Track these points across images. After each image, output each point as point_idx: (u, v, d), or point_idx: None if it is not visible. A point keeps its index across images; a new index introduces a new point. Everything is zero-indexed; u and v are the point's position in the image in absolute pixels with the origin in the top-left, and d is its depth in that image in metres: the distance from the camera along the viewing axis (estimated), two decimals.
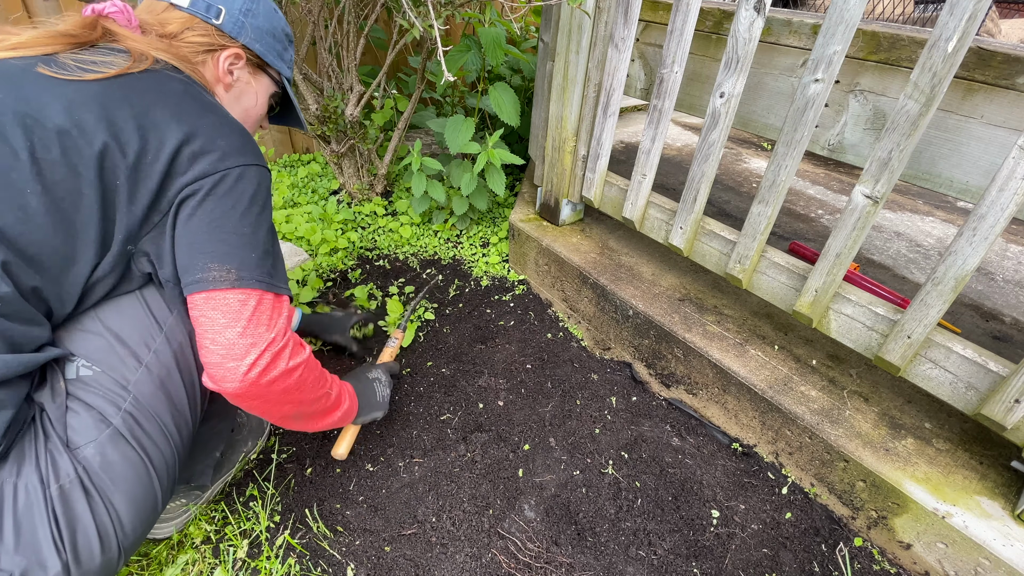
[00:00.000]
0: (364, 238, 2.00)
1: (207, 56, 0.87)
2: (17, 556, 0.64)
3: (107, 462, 0.72)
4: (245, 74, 0.93)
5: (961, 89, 1.00)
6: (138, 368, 0.76)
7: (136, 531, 0.75)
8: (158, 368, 0.78)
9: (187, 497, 1.04)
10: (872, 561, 1.07)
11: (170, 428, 0.79)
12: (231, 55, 0.89)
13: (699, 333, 1.36)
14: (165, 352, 0.79)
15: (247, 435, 1.20)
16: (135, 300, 0.78)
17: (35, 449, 0.68)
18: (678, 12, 1.15)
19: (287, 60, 1.01)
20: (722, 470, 1.23)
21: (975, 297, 1.54)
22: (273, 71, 0.99)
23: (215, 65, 0.88)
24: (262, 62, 0.95)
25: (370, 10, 1.83)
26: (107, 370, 0.74)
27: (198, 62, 0.86)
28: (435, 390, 1.40)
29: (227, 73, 0.90)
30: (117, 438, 0.73)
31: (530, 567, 1.03)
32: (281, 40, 0.98)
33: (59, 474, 0.68)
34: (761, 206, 1.15)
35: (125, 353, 0.76)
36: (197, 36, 0.86)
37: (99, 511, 0.70)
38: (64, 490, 0.68)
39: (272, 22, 0.95)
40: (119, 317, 0.77)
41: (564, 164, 1.63)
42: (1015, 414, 0.92)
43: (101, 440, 0.72)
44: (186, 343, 0.82)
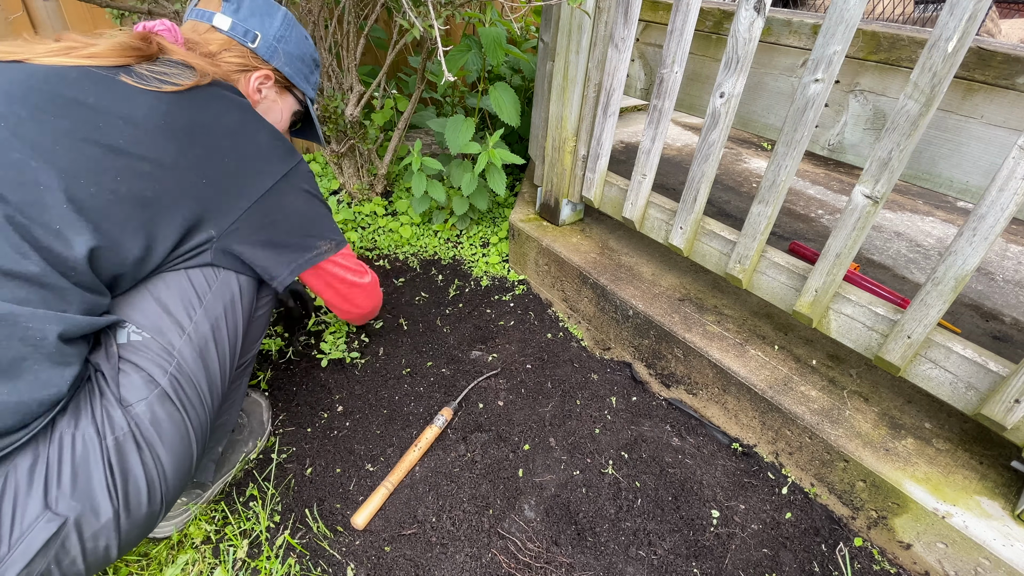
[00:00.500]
0: (364, 238, 2.00)
1: (240, 75, 0.98)
2: (73, 501, 0.68)
3: (156, 419, 0.77)
4: (272, 92, 1.04)
5: (961, 89, 1.00)
6: (181, 336, 0.83)
7: (175, 487, 0.81)
8: (198, 338, 0.85)
9: (187, 497, 1.04)
10: (872, 561, 1.07)
11: (206, 395, 0.86)
12: (261, 76, 1.00)
13: (699, 333, 1.36)
14: (204, 324, 0.86)
15: (247, 435, 1.20)
16: (180, 275, 0.85)
17: (91, 404, 0.74)
18: (678, 12, 1.15)
19: (312, 83, 1.12)
20: (722, 470, 1.23)
21: (975, 297, 1.54)
22: (298, 91, 1.09)
23: (246, 83, 0.99)
24: (289, 83, 1.06)
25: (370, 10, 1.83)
26: (155, 336, 0.81)
27: (234, 80, 0.97)
28: (435, 390, 1.40)
29: (256, 91, 1.01)
30: (164, 398, 0.79)
31: (530, 567, 1.03)
32: (308, 64, 1.09)
33: (114, 427, 0.74)
34: (761, 206, 1.15)
35: (170, 322, 0.83)
36: (234, 57, 0.97)
37: (148, 464, 0.76)
38: (119, 441, 0.73)
39: (302, 48, 1.06)
40: (165, 289, 0.83)
41: (564, 164, 1.63)
42: (1015, 414, 0.92)
43: (151, 399, 0.78)
44: (221, 318, 0.89)
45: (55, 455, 0.69)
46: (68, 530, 0.67)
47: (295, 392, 1.37)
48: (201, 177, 0.81)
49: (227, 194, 0.85)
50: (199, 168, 0.81)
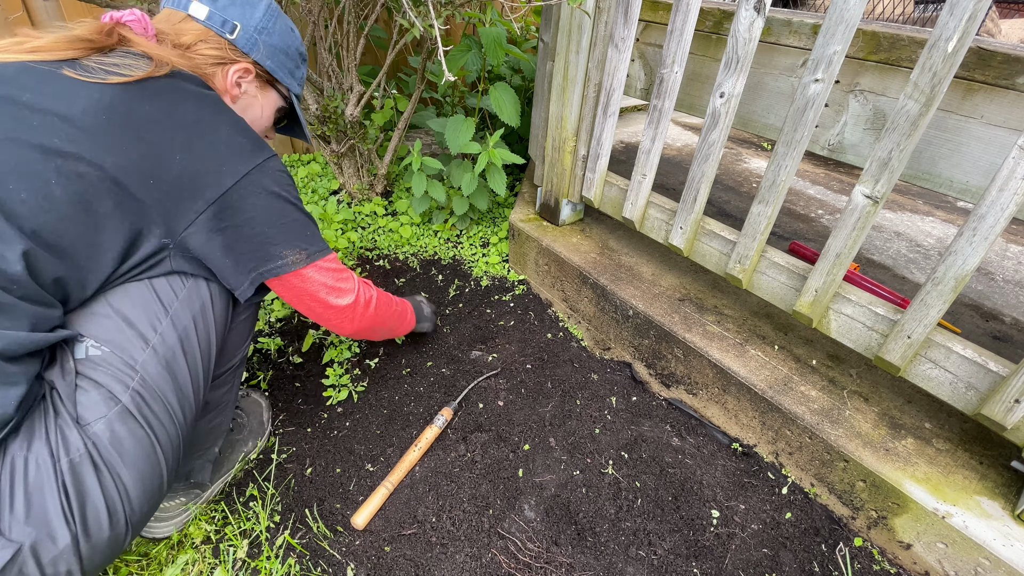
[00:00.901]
0: (364, 238, 2.00)
1: (217, 68, 0.91)
2: (28, 527, 0.66)
3: (116, 438, 0.74)
4: (253, 88, 0.97)
5: (961, 89, 1.00)
6: (145, 349, 0.79)
7: (142, 508, 0.77)
8: (164, 350, 0.80)
9: (187, 497, 1.04)
10: (872, 561, 1.07)
11: (175, 409, 0.82)
12: (240, 69, 0.93)
13: (699, 333, 1.36)
14: (171, 335, 0.82)
15: (247, 435, 1.20)
16: (143, 286, 0.80)
17: (45, 424, 0.70)
18: (678, 12, 1.15)
19: (298, 78, 1.04)
20: (722, 470, 1.23)
21: (975, 297, 1.54)
22: (282, 87, 1.02)
23: (224, 77, 0.92)
24: (272, 78, 0.99)
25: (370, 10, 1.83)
26: (115, 350, 0.77)
27: (209, 73, 0.90)
28: (435, 390, 1.40)
29: (235, 85, 0.94)
30: (125, 415, 0.75)
31: (530, 567, 1.03)
32: (294, 59, 1.01)
33: (69, 448, 0.70)
34: (761, 206, 1.15)
35: (133, 335, 0.78)
36: (210, 49, 0.90)
37: (108, 485, 0.72)
38: (74, 463, 0.70)
39: (287, 41, 0.98)
40: (127, 300, 0.79)
41: (564, 164, 1.63)
42: (1015, 414, 0.92)
43: (110, 416, 0.74)
44: (190, 327, 0.84)
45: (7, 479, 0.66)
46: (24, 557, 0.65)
47: (295, 392, 1.37)
48: (148, 177, 0.75)
49: (179, 195, 0.78)
50: (146, 167, 0.75)
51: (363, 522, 1.07)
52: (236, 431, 1.19)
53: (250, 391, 1.31)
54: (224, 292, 0.90)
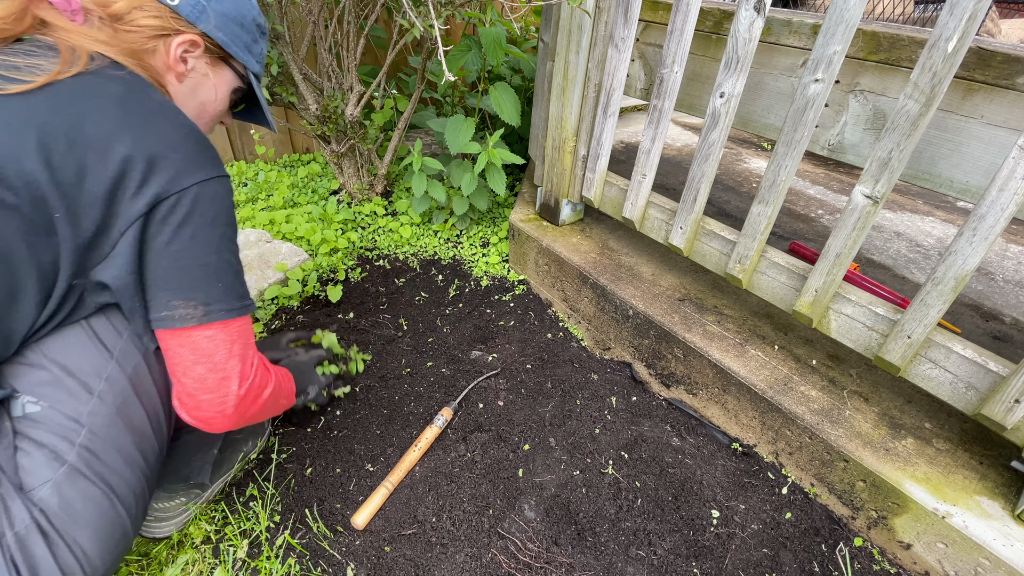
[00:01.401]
0: (364, 238, 2.00)
1: (158, 42, 0.76)
2: None
3: (65, 501, 0.68)
4: (202, 64, 0.83)
5: (961, 89, 1.00)
6: (90, 399, 0.72)
7: (106, 563, 0.73)
8: (112, 396, 0.73)
9: (187, 497, 1.04)
10: (872, 561, 1.07)
11: (133, 455, 0.76)
12: (186, 42, 0.78)
13: (699, 333, 1.36)
14: (119, 379, 0.74)
15: (247, 435, 1.20)
16: (80, 329, 0.73)
17: None
18: (678, 12, 1.15)
19: (256, 53, 0.90)
20: (722, 470, 1.23)
21: (975, 297, 1.54)
22: (238, 64, 0.88)
23: (166, 52, 0.77)
24: (225, 53, 0.85)
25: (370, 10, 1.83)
26: (55, 404, 0.70)
27: (146, 49, 0.76)
28: (435, 390, 1.40)
29: (179, 61, 0.79)
30: (74, 475, 0.69)
31: (530, 567, 1.03)
32: (251, 31, 0.87)
33: (14, 521, 0.65)
34: (761, 206, 1.15)
35: (74, 385, 0.71)
36: (147, 17, 0.75)
37: (61, 552, 0.67)
38: (20, 537, 0.65)
39: (241, 9, 0.84)
40: (64, 348, 0.72)
41: (564, 164, 1.63)
42: (1015, 414, 0.92)
43: (57, 479, 0.68)
44: (141, 365, 0.77)
45: None
46: None
47: None
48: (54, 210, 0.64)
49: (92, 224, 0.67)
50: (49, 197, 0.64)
51: (363, 522, 1.07)
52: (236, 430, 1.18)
53: None
54: None
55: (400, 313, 1.67)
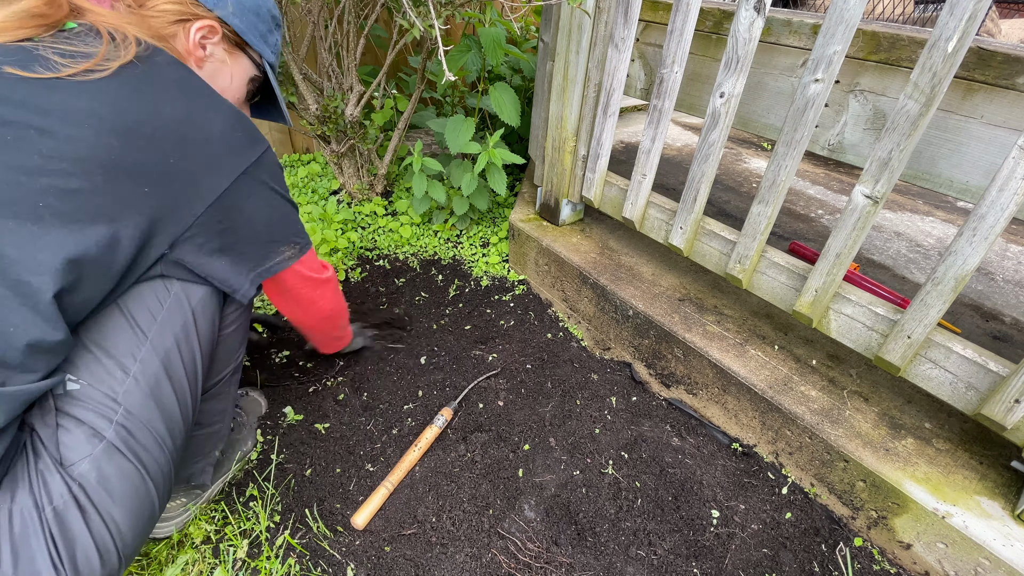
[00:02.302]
0: (364, 238, 2.00)
1: (178, 27, 0.80)
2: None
3: (103, 476, 0.71)
4: (220, 51, 0.86)
5: (961, 89, 1.00)
6: (125, 379, 0.74)
7: (136, 540, 0.76)
8: (146, 378, 0.76)
9: (187, 497, 1.04)
10: (872, 561, 1.07)
11: (163, 436, 0.79)
12: (204, 27, 0.81)
13: (699, 333, 1.36)
14: (152, 361, 0.77)
15: (247, 434, 1.20)
16: (115, 311, 0.75)
17: (28, 472, 0.67)
18: (678, 12, 1.15)
19: (271, 44, 0.94)
20: (722, 470, 1.23)
21: (975, 297, 1.54)
22: (254, 53, 0.91)
23: (186, 37, 0.81)
24: (241, 41, 0.88)
25: (370, 10, 1.83)
26: (95, 383, 0.72)
27: (168, 34, 0.79)
28: (435, 390, 1.40)
29: (198, 46, 0.82)
30: (112, 451, 0.72)
31: (530, 567, 1.03)
32: (266, 21, 0.91)
33: (52, 496, 0.67)
34: (761, 206, 1.15)
35: (111, 365, 0.74)
36: (168, 3, 0.78)
37: (96, 527, 0.70)
38: (58, 511, 0.67)
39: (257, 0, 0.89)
40: (101, 329, 0.74)
41: (564, 164, 1.63)
42: (1015, 414, 0.92)
43: (95, 455, 0.71)
44: (173, 350, 0.80)
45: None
46: None
47: (295, 391, 1.37)
48: (143, 185, 0.69)
49: (175, 200, 0.73)
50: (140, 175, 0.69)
51: (363, 522, 1.07)
52: (236, 430, 1.19)
53: (249, 390, 1.31)
54: (209, 305, 0.84)
55: (400, 313, 1.67)
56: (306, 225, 1.92)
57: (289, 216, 0.89)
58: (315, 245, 1.88)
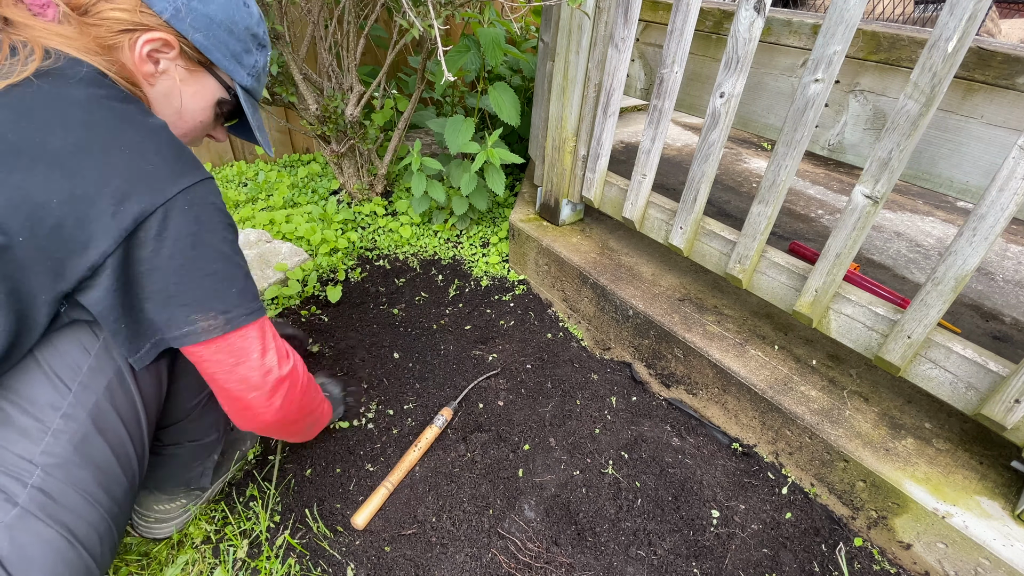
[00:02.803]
0: (364, 238, 2.00)
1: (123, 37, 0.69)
2: None
3: (18, 546, 0.64)
4: (177, 68, 0.75)
5: (961, 89, 1.00)
6: (44, 437, 0.67)
7: None
8: (69, 434, 0.69)
9: (187, 498, 1.04)
10: (872, 561, 1.07)
11: (94, 494, 0.71)
12: (155, 39, 0.71)
13: (699, 333, 1.36)
14: (77, 415, 0.70)
15: (246, 434, 1.20)
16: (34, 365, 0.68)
17: None
18: (678, 12, 1.15)
19: (247, 65, 0.81)
20: (722, 470, 1.23)
21: (975, 297, 1.54)
22: (222, 73, 0.80)
23: (131, 51, 0.70)
24: (207, 59, 0.77)
25: (370, 10, 1.83)
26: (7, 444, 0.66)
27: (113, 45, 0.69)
28: (435, 390, 1.40)
29: (147, 60, 0.72)
30: (27, 517, 0.65)
31: (530, 567, 1.03)
32: (242, 40, 0.79)
33: None
34: (761, 206, 1.15)
35: (27, 423, 0.67)
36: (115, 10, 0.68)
37: None
38: None
39: (231, 14, 0.76)
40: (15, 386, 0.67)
41: (564, 164, 1.63)
42: (1015, 414, 0.92)
43: (8, 522, 0.64)
44: (103, 400, 0.72)
45: None
46: None
47: None
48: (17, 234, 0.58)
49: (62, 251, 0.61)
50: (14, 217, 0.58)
51: (363, 522, 1.07)
52: (235, 430, 1.18)
53: None
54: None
55: (400, 313, 1.67)
56: (306, 225, 1.91)
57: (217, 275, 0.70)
58: (315, 245, 1.88)
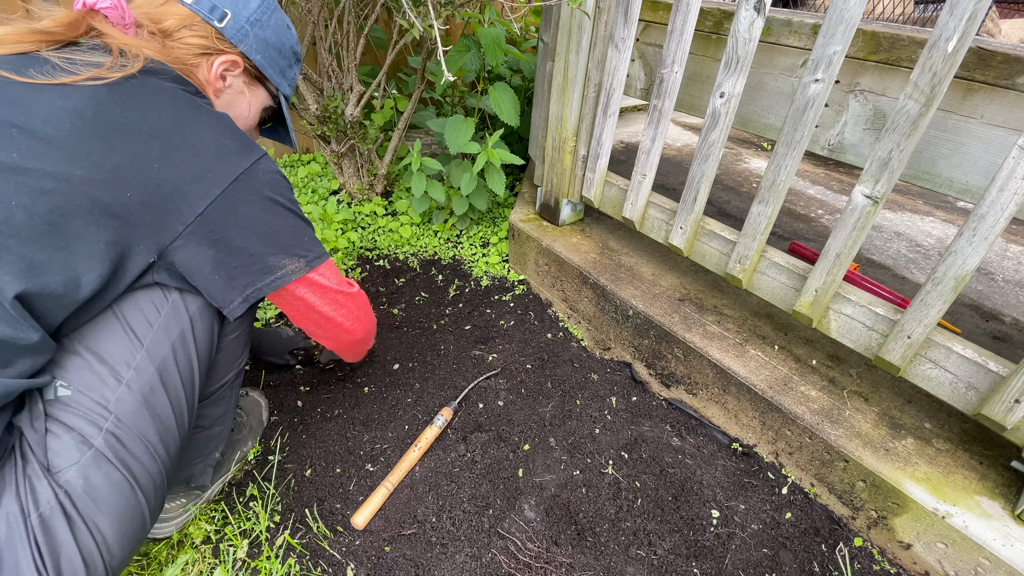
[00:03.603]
0: (364, 238, 2.00)
1: (202, 59, 0.84)
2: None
3: (90, 485, 0.70)
4: (239, 83, 0.90)
5: (961, 89, 1.00)
6: (118, 387, 0.74)
7: (124, 550, 0.74)
8: (139, 386, 0.75)
9: (187, 497, 1.04)
10: (872, 561, 1.07)
11: (156, 445, 0.77)
12: (227, 61, 0.85)
13: (699, 333, 1.36)
14: (147, 369, 0.76)
15: (247, 434, 1.20)
16: (111, 317, 0.75)
17: (15, 477, 0.67)
18: (678, 12, 1.15)
19: (289, 78, 0.98)
20: (722, 470, 1.23)
21: (975, 297, 1.54)
22: (271, 85, 0.95)
23: (208, 69, 0.85)
24: (261, 74, 0.92)
25: (370, 10, 1.83)
26: (85, 390, 0.72)
27: (192, 64, 0.83)
28: (435, 390, 1.40)
29: (219, 78, 0.86)
30: (100, 459, 0.71)
31: (530, 567, 1.03)
32: (287, 57, 0.95)
33: (39, 502, 0.66)
34: (761, 206, 1.15)
35: (104, 372, 0.73)
36: (195, 37, 0.82)
37: (82, 536, 0.69)
38: (44, 518, 0.66)
39: (281, 37, 0.93)
40: (96, 336, 0.74)
41: (564, 164, 1.63)
42: (1015, 414, 0.92)
43: (83, 462, 0.70)
44: (169, 358, 0.79)
45: None
46: None
47: (295, 391, 1.37)
48: (125, 189, 0.68)
49: (162, 208, 0.71)
50: (121, 178, 0.68)
51: (363, 522, 1.07)
52: (236, 430, 1.19)
53: (249, 390, 1.31)
54: (207, 313, 0.84)
55: (400, 313, 1.67)
56: None
57: (291, 226, 0.84)
58: None
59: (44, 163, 0.64)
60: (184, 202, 0.72)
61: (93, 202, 0.67)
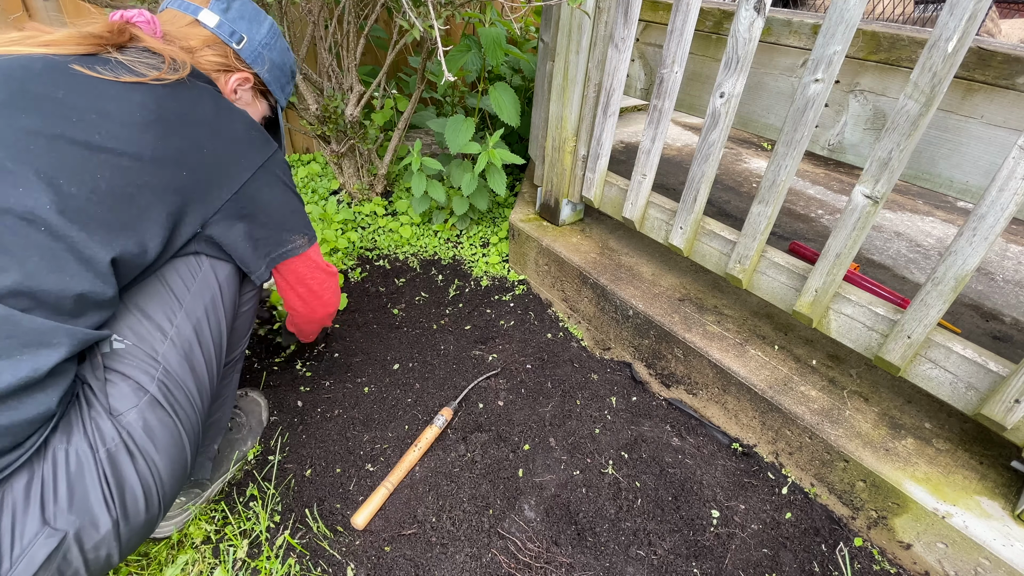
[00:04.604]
0: (364, 238, 2.00)
1: (219, 75, 0.96)
2: (71, 516, 0.69)
3: (148, 426, 0.77)
4: (248, 95, 1.04)
5: (961, 89, 1.00)
6: (164, 341, 0.83)
7: (173, 489, 0.81)
8: (181, 341, 0.85)
9: (186, 497, 1.04)
10: (872, 561, 1.07)
11: (195, 396, 0.86)
12: (241, 78, 0.99)
13: (699, 333, 1.36)
14: (185, 327, 0.86)
15: (246, 434, 1.21)
16: (155, 280, 0.85)
17: (81, 418, 0.73)
18: (678, 12, 1.15)
19: (287, 92, 1.13)
20: (722, 470, 1.23)
21: (975, 297, 1.54)
22: (272, 98, 1.10)
23: (224, 83, 0.97)
24: (266, 89, 1.06)
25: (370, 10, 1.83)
26: (138, 343, 0.80)
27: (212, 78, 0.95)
28: (435, 390, 1.40)
29: (232, 91, 0.99)
30: (154, 404, 0.79)
31: (530, 567, 1.03)
32: (287, 75, 1.10)
33: (105, 439, 0.73)
34: (761, 206, 1.15)
35: (151, 327, 0.82)
36: (215, 56, 0.95)
37: (143, 471, 0.76)
38: (111, 453, 0.73)
39: (284, 58, 1.07)
40: (142, 295, 0.83)
41: (564, 164, 1.63)
42: (1015, 414, 0.92)
43: (141, 406, 0.77)
44: (203, 318, 0.89)
45: (50, 472, 0.69)
46: (68, 544, 0.68)
47: (295, 391, 1.37)
48: (181, 169, 0.80)
49: (208, 185, 0.84)
50: (179, 160, 0.80)
51: (363, 522, 1.07)
52: (235, 431, 1.19)
53: (249, 390, 1.31)
54: (232, 282, 0.95)
55: (400, 313, 1.67)
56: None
57: (299, 209, 1.00)
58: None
59: (120, 144, 0.75)
60: (226, 180, 0.86)
61: (159, 179, 0.78)
